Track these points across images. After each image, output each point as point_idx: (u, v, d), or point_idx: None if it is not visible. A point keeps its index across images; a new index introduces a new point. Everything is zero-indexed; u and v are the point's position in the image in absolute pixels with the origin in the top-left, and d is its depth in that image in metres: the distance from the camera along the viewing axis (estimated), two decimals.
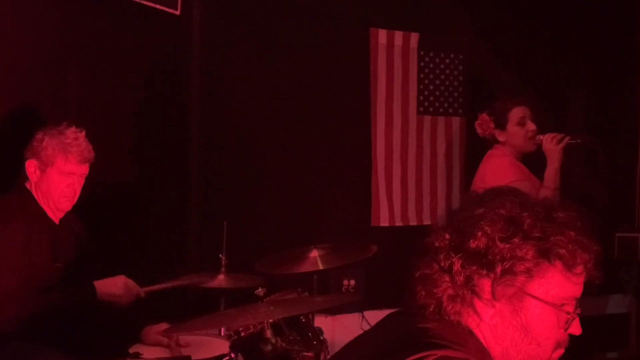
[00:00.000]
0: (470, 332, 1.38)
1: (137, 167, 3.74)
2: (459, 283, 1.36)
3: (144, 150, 3.78)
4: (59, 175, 2.80)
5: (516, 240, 1.33)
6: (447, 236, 1.39)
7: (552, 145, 3.46)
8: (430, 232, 1.43)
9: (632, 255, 4.81)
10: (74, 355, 2.68)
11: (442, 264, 1.38)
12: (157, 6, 3.68)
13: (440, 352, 1.27)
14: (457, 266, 1.36)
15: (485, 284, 1.35)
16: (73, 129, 2.84)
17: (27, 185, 2.84)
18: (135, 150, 3.74)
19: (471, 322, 1.38)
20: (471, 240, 1.35)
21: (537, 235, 1.34)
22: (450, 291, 1.36)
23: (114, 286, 2.84)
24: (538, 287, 1.35)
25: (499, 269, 1.33)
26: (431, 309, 1.39)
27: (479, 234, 1.35)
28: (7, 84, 3.07)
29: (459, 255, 1.36)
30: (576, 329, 1.41)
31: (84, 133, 2.86)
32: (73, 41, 3.37)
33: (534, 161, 3.61)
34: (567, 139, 3.47)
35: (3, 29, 3.00)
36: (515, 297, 1.35)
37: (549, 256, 1.34)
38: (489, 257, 1.34)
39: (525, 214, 1.35)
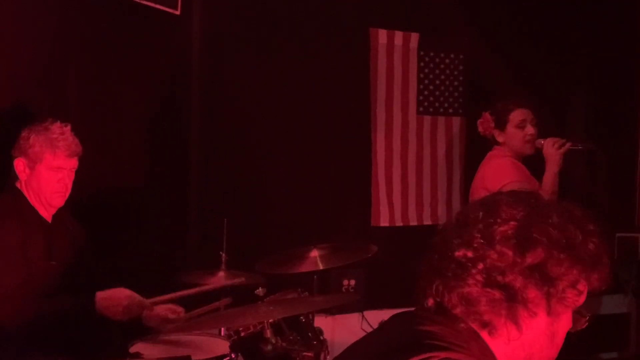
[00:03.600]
0: (477, 336, 1.35)
1: (137, 166, 3.74)
2: (514, 299, 1.31)
3: (144, 149, 3.79)
4: (48, 171, 2.79)
5: (569, 257, 1.31)
6: (494, 248, 1.31)
7: (553, 150, 3.45)
8: (459, 242, 1.34)
9: (632, 255, 4.82)
10: (74, 355, 2.68)
11: (496, 279, 1.30)
12: (157, 6, 3.69)
13: (442, 354, 1.25)
14: (515, 281, 1.30)
15: (537, 298, 1.31)
16: (58, 124, 2.83)
17: (18, 185, 2.83)
18: (135, 149, 3.74)
19: (505, 334, 1.34)
20: (528, 255, 1.30)
21: (587, 251, 1.32)
22: (504, 311, 1.31)
23: (116, 305, 2.74)
24: (577, 301, 1.35)
25: (556, 285, 1.31)
26: (464, 325, 1.34)
27: (537, 249, 1.30)
28: (6, 84, 3.07)
29: (516, 269, 1.30)
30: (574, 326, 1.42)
31: (69, 127, 2.84)
32: (73, 41, 3.37)
33: (534, 164, 3.61)
34: (568, 145, 3.46)
35: (3, 29, 3.00)
36: (561, 311, 1.34)
37: (592, 272, 1.34)
38: (546, 272, 1.30)
39: (572, 227, 1.33)
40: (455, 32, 4.83)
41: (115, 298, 2.76)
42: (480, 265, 1.31)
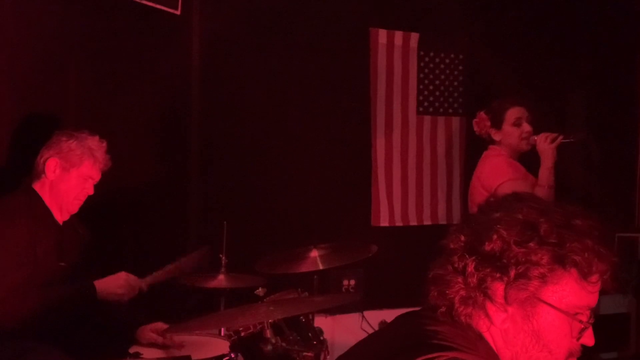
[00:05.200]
0: (481, 337, 1.36)
1: (137, 167, 3.74)
2: (472, 285, 1.35)
3: (144, 150, 3.78)
4: (79, 177, 2.85)
5: (532, 244, 1.32)
6: (463, 238, 1.38)
7: (545, 144, 3.48)
8: (447, 234, 1.42)
9: (632, 255, 4.81)
10: (74, 355, 2.68)
11: (456, 265, 1.37)
12: (157, 6, 3.69)
13: (449, 354, 1.26)
14: (470, 268, 1.34)
15: (498, 287, 1.34)
16: (97, 137, 2.91)
17: (34, 185, 2.84)
18: (134, 150, 3.73)
19: (482, 325, 1.37)
20: (486, 243, 1.34)
21: (553, 241, 1.32)
22: (462, 293, 1.35)
23: (116, 284, 2.84)
24: (552, 294, 1.34)
25: (512, 273, 1.32)
26: (442, 310, 1.38)
27: (495, 236, 1.33)
28: (6, 84, 3.07)
29: (474, 257, 1.35)
30: (589, 339, 1.39)
31: (105, 143, 2.92)
32: (73, 41, 3.37)
33: (529, 160, 3.62)
34: (560, 138, 3.49)
35: (3, 29, 3.00)
36: (528, 303, 1.33)
37: (564, 263, 1.32)
38: (504, 260, 1.32)
39: (543, 219, 1.34)
40: (455, 32, 4.83)
41: (114, 280, 2.85)
42: (449, 253, 1.39)
